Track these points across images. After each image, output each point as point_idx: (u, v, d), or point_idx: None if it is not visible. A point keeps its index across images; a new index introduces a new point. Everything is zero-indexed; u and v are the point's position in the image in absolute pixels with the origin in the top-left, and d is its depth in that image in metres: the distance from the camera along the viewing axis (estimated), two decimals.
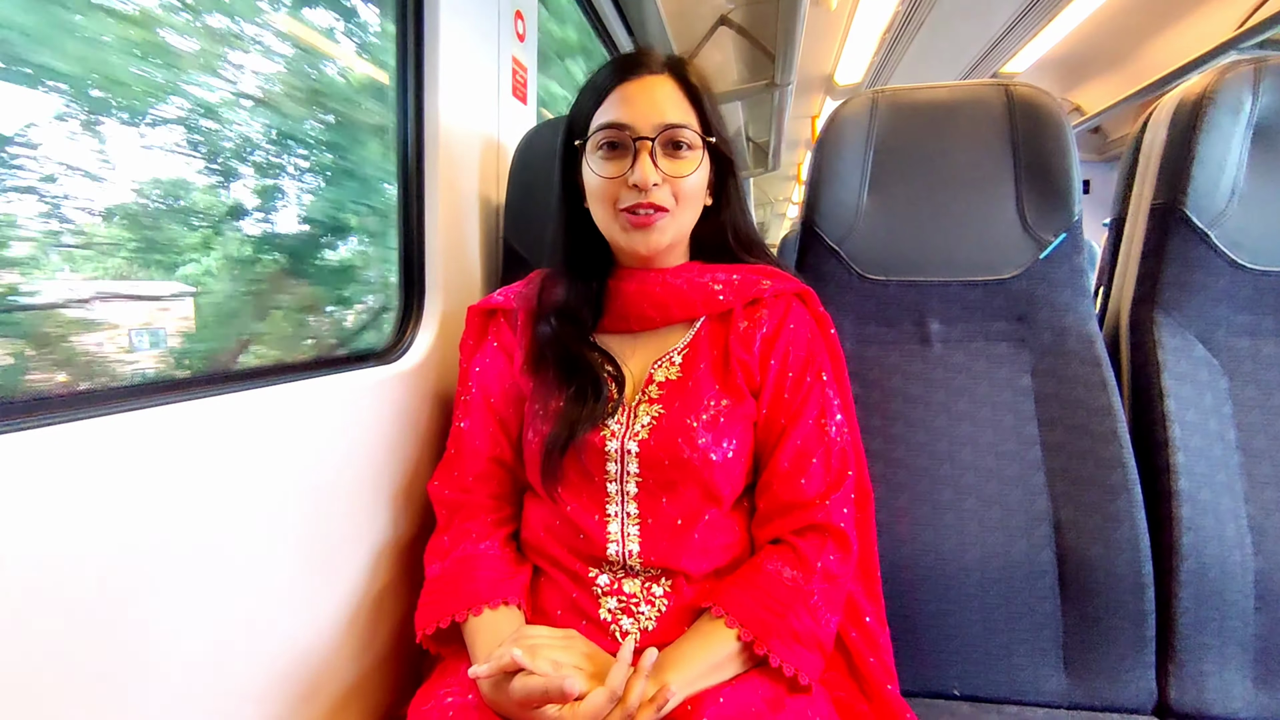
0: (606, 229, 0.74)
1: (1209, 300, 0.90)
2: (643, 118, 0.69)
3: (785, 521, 0.70)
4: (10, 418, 0.49)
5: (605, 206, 0.72)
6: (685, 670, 0.61)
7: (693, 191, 0.72)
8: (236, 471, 0.64)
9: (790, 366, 0.75)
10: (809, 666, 0.64)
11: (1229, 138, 0.87)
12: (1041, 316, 0.92)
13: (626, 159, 0.69)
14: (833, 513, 0.70)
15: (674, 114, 0.70)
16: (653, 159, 0.69)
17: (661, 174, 0.69)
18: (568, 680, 0.53)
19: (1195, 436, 0.86)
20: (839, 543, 0.69)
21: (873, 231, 0.95)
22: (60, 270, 0.72)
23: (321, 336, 1.13)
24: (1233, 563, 0.82)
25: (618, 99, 0.70)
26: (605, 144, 0.71)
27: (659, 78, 0.71)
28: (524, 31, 1.23)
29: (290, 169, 1.02)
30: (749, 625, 0.63)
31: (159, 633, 0.56)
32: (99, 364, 0.77)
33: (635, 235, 0.71)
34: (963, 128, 0.93)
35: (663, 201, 0.70)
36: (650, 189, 0.68)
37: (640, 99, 0.70)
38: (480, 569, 0.72)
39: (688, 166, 0.71)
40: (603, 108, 0.71)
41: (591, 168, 0.72)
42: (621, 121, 0.69)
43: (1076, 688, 0.84)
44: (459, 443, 0.80)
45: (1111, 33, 3.26)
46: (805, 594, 0.65)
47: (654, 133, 0.69)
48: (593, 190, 0.73)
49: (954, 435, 0.91)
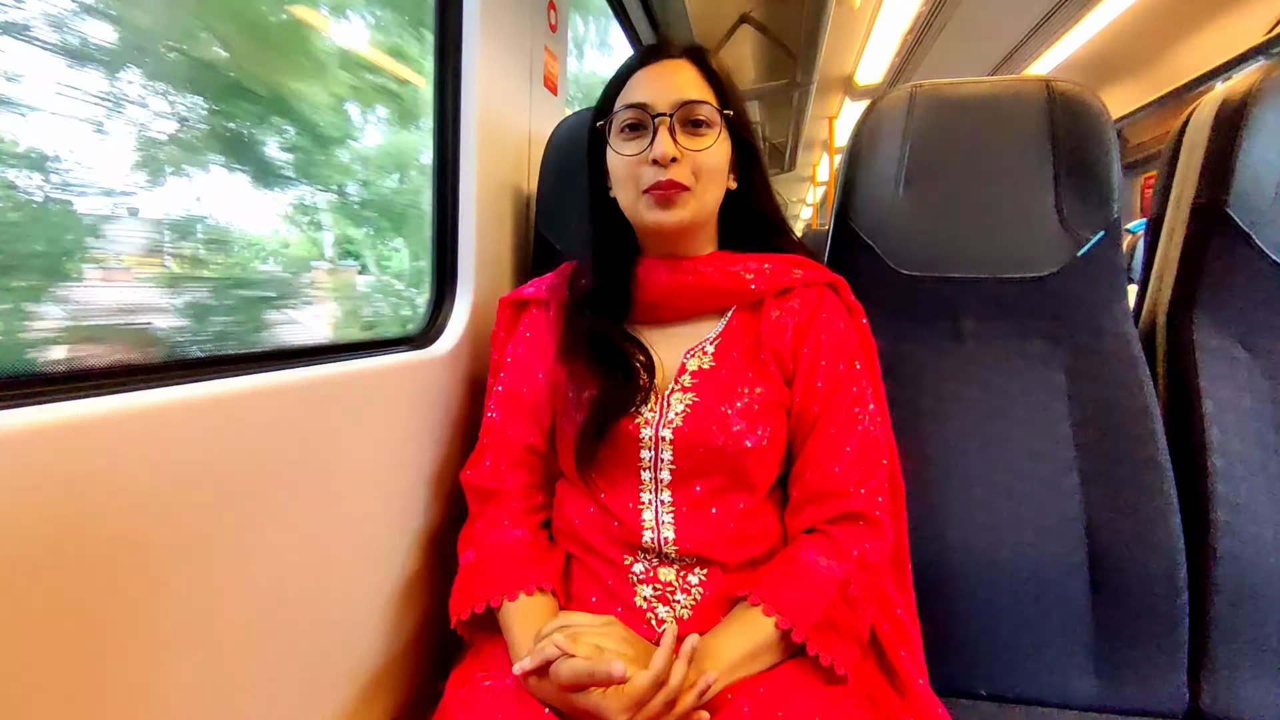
0: (631, 211, 0.74)
1: (1250, 302, 0.89)
2: (661, 96, 0.71)
3: (819, 510, 0.70)
4: (34, 389, 0.49)
5: (628, 187, 0.73)
6: (724, 658, 0.61)
7: (713, 168, 0.73)
8: (271, 452, 0.64)
9: (823, 355, 0.74)
10: (846, 657, 0.64)
11: (1274, 137, 0.86)
12: (1077, 315, 0.91)
13: (647, 137, 0.71)
14: (868, 501, 0.69)
15: (692, 92, 0.72)
16: (672, 136, 0.70)
17: (680, 149, 0.70)
18: (614, 664, 0.53)
19: (1234, 439, 0.85)
20: (874, 531, 0.69)
21: (907, 226, 0.95)
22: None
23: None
24: (1270, 567, 0.81)
25: (638, 81, 0.73)
26: (626, 125, 0.72)
27: (678, 61, 0.74)
28: (556, 22, 1.24)
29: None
30: (787, 613, 0.63)
31: (193, 617, 0.56)
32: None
33: (658, 212, 0.72)
34: (1002, 123, 0.92)
35: (683, 178, 0.70)
36: (669, 165, 0.69)
37: (659, 80, 0.72)
38: (514, 554, 0.72)
39: (706, 141, 0.72)
40: (624, 91, 0.74)
41: (614, 148, 0.74)
42: (640, 101, 0.71)
43: (1106, 690, 0.83)
44: (491, 433, 0.80)
45: (1136, 37, 3.23)
46: (843, 584, 0.65)
47: (671, 109, 0.70)
48: (616, 171, 0.74)
49: (986, 433, 0.90)
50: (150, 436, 0.53)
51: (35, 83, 0.63)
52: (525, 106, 1.13)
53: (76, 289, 0.72)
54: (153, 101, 0.78)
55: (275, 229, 1.08)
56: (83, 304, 0.73)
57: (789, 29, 2.61)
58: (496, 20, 1.01)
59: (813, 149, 6.15)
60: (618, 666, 0.53)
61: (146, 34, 0.77)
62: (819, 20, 2.31)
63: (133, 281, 0.81)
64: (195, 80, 0.83)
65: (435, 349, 0.91)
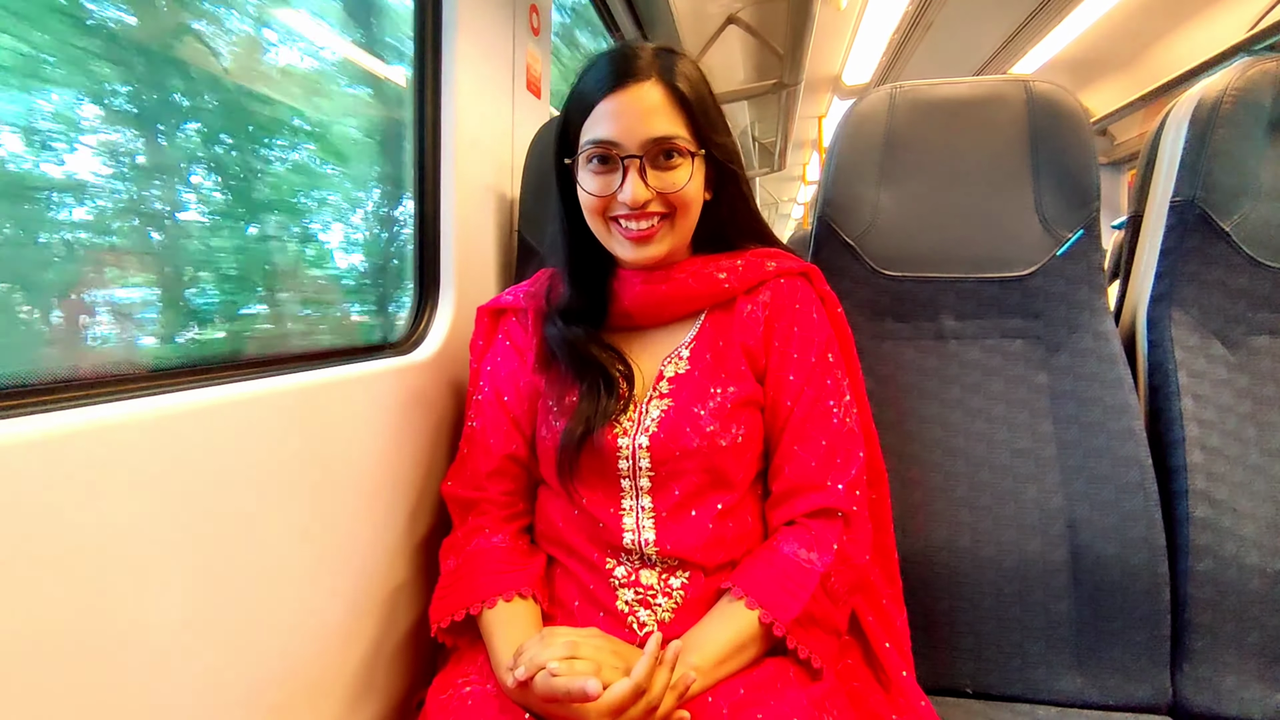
0: (605, 241, 0.74)
1: (1227, 297, 0.89)
2: (629, 134, 0.67)
3: (797, 504, 0.70)
4: (11, 401, 0.49)
5: (599, 221, 0.72)
6: (709, 653, 0.62)
7: (688, 200, 0.71)
8: (251, 460, 0.64)
9: (795, 347, 0.74)
10: (824, 651, 0.65)
11: (1250, 135, 0.87)
12: (1058, 313, 0.91)
13: (616, 173, 0.69)
14: (846, 496, 0.69)
15: (662, 125, 0.68)
16: (642, 175, 0.68)
17: (652, 191, 0.68)
18: (589, 681, 0.54)
19: (1213, 434, 0.86)
20: (852, 525, 0.69)
21: (889, 227, 0.95)
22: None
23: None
24: (1250, 562, 0.82)
25: (605, 114, 0.68)
26: (595, 158, 0.70)
27: (646, 85, 0.68)
28: (539, 25, 1.23)
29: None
30: (770, 607, 0.64)
31: (175, 626, 0.56)
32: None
33: (633, 250, 0.71)
34: (981, 124, 0.93)
35: (657, 210, 0.69)
36: (642, 206, 0.68)
37: (627, 113, 0.67)
38: (494, 561, 0.72)
39: (680, 177, 0.69)
40: (590, 121, 0.70)
41: (582, 185, 0.71)
42: (608, 139, 0.68)
43: (1090, 686, 0.83)
44: (471, 442, 0.80)
45: (1120, 36, 3.25)
46: (824, 577, 0.65)
47: (641, 150, 0.67)
48: (586, 206, 0.72)
49: (969, 432, 0.91)
50: (132, 447, 0.52)
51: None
52: (507, 110, 1.13)
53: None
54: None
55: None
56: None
57: (776, 29, 2.61)
58: (476, 24, 1.01)
59: (802, 148, 6.17)
60: (592, 684, 0.53)
61: None
62: (805, 21, 2.31)
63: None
64: None
65: (417, 355, 0.90)
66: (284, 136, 0.98)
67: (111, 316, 0.74)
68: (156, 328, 0.80)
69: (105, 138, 0.73)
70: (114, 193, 0.74)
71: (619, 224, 0.70)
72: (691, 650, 0.62)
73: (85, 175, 0.70)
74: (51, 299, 0.68)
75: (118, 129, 0.74)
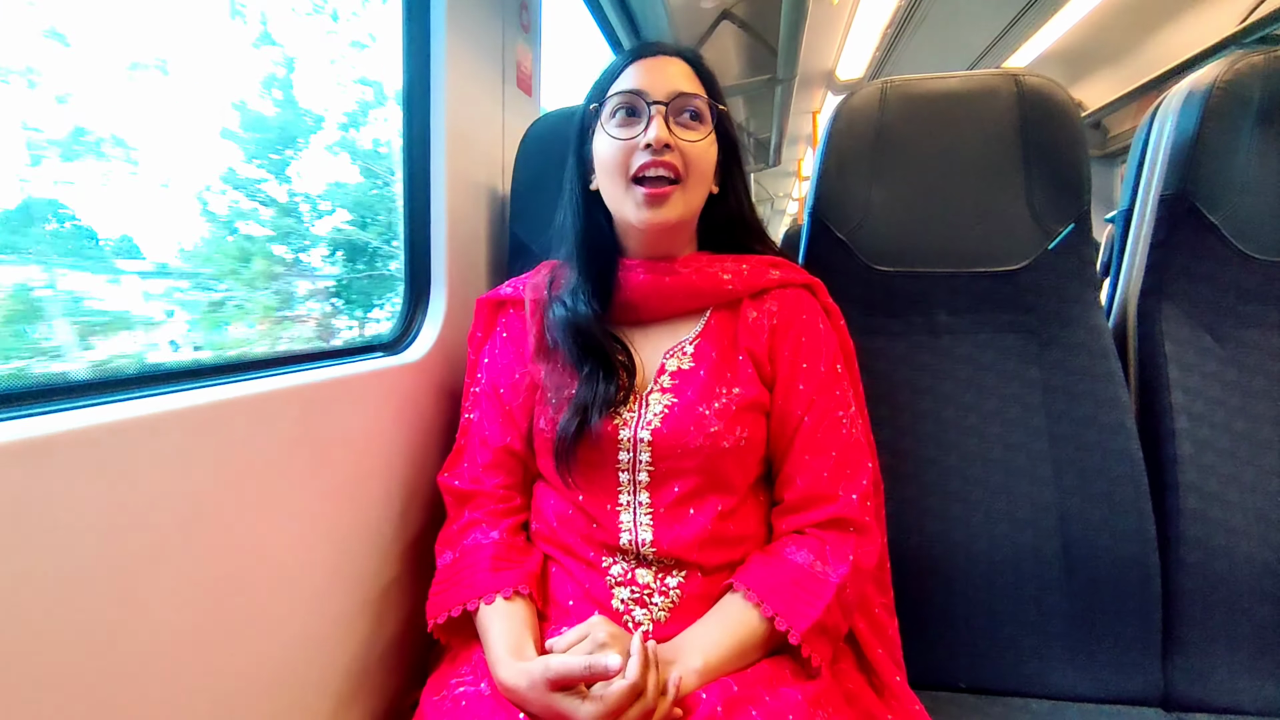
0: (618, 204, 0.74)
1: (1217, 291, 0.90)
2: (658, 85, 0.72)
3: (808, 515, 0.70)
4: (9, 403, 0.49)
5: (617, 175, 0.72)
6: (712, 653, 0.62)
7: (702, 162, 0.73)
8: (242, 460, 0.63)
9: (804, 357, 0.74)
10: (828, 656, 0.65)
11: (1238, 128, 0.87)
12: (1049, 308, 0.91)
13: (640, 124, 0.72)
14: (858, 507, 0.70)
15: (687, 85, 0.73)
16: (666, 125, 0.71)
17: (674, 137, 0.71)
18: (610, 655, 0.56)
19: (1202, 427, 0.86)
20: (864, 536, 0.69)
21: (881, 222, 0.95)
22: None
23: None
24: (1240, 554, 0.82)
25: (634, 71, 0.74)
26: (621, 109, 0.73)
27: (672, 58, 0.75)
28: (529, 22, 1.23)
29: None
30: (785, 615, 0.64)
31: (167, 627, 0.56)
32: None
33: (646, 211, 0.71)
34: (972, 118, 0.92)
35: (674, 163, 0.71)
36: (663, 150, 0.70)
37: (655, 72, 0.73)
38: (490, 557, 0.72)
39: (698, 134, 0.73)
40: (619, 80, 0.74)
41: (606, 131, 0.73)
42: (637, 88, 0.72)
43: (1082, 679, 0.84)
44: (467, 434, 0.80)
45: (1114, 28, 3.25)
46: (840, 588, 0.65)
47: (667, 98, 0.72)
48: (605, 157, 0.73)
49: (961, 426, 0.91)
50: (125, 449, 0.52)
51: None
52: (498, 107, 1.12)
53: None
54: None
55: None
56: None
57: (770, 25, 2.61)
58: (465, 20, 1.01)
59: (797, 144, 6.16)
60: (614, 659, 0.55)
61: None
62: (799, 16, 2.31)
63: None
64: None
65: (409, 354, 0.90)
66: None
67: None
68: None
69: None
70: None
71: (636, 185, 0.72)
72: (695, 650, 0.62)
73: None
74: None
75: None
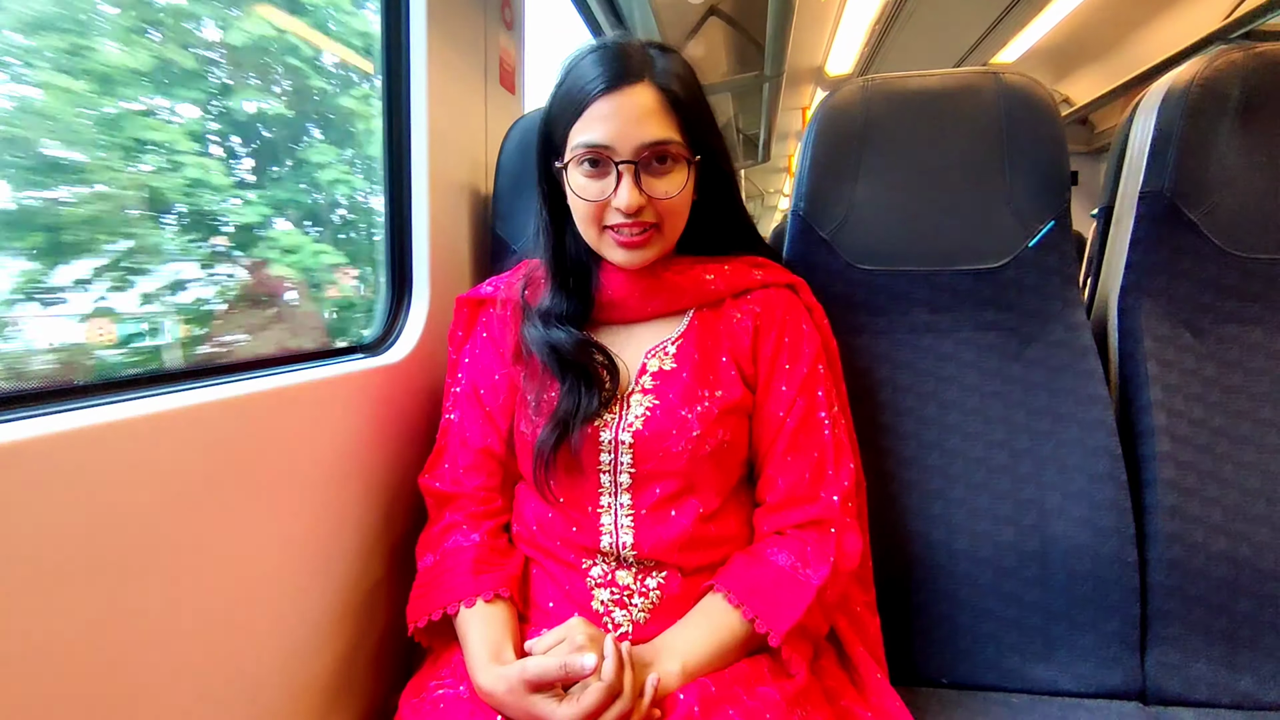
0: (594, 244, 0.72)
1: (1196, 287, 0.90)
2: (623, 139, 0.66)
3: (790, 514, 0.70)
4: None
5: (590, 224, 0.70)
6: (692, 655, 0.62)
7: (679, 206, 0.70)
8: (223, 464, 0.63)
9: (786, 358, 0.74)
10: (807, 658, 0.66)
11: (1217, 125, 0.88)
12: (1030, 305, 0.92)
13: (609, 178, 0.67)
14: (841, 508, 0.70)
15: (656, 129, 0.66)
16: (636, 181, 0.66)
17: (645, 196, 0.67)
18: (585, 657, 0.56)
19: (1181, 423, 0.87)
20: (846, 538, 0.69)
21: (863, 221, 0.95)
22: None
23: None
24: (1217, 549, 0.83)
25: (597, 116, 0.66)
26: (587, 161, 0.68)
27: (639, 88, 0.66)
28: (512, 18, 1.22)
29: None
30: (765, 617, 0.64)
31: (147, 630, 0.55)
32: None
33: (622, 254, 0.70)
34: (954, 116, 0.92)
35: (648, 219, 0.69)
36: (636, 212, 0.67)
37: (619, 116, 0.66)
38: (471, 560, 0.71)
39: (673, 184, 0.68)
40: (580, 123, 0.67)
41: (573, 189, 0.69)
42: (602, 143, 0.66)
43: (1062, 674, 0.84)
44: (448, 435, 0.80)
45: (1100, 24, 3.27)
46: (820, 591, 0.65)
47: (635, 155, 0.66)
48: (577, 210, 0.71)
49: (942, 424, 0.91)
50: (103, 453, 0.52)
51: None
52: (480, 105, 1.12)
53: None
54: None
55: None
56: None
57: (757, 21, 2.60)
58: (446, 15, 1.00)
59: (788, 139, 6.16)
60: (589, 659, 0.55)
61: None
62: (786, 12, 2.30)
63: None
64: None
65: (390, 355, 0.89)
66: None
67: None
68: None
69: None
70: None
71: (612, 230, 0.69)
72: (675, 651, 0.62)
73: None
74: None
75: None
